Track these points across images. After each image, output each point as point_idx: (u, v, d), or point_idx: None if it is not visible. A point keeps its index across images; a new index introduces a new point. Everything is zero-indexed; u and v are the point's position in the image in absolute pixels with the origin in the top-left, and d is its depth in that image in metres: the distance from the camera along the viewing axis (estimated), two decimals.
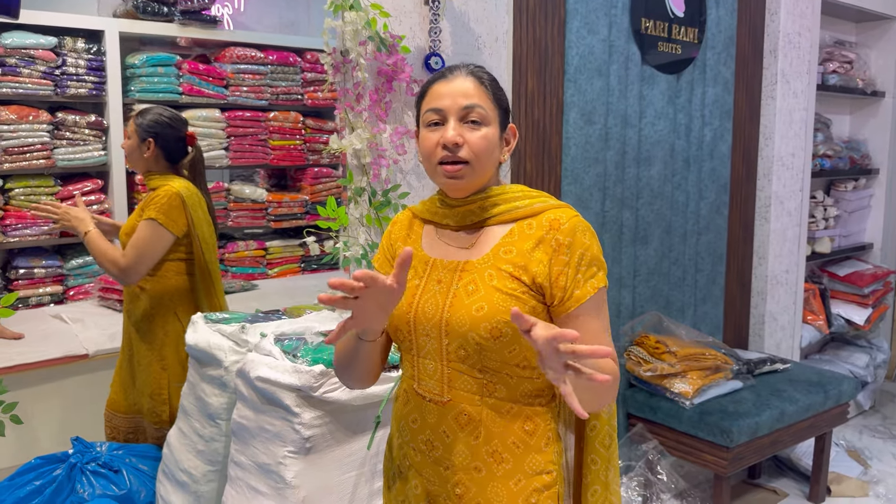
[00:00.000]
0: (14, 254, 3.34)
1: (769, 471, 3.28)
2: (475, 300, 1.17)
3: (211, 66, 3.79)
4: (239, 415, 1.82)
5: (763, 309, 3.46)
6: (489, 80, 1.24)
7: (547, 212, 1.21)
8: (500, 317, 1.15)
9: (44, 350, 2.71)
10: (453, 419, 1.21)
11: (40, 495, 2.14)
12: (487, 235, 1.24)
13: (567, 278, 1.17)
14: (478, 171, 1.21)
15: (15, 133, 3.21)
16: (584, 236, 1.19)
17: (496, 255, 1.20)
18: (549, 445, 1.22)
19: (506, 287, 1.17)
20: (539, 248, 1.18)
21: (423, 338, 1.23)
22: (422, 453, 1.25)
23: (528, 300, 1.17)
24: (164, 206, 2.29)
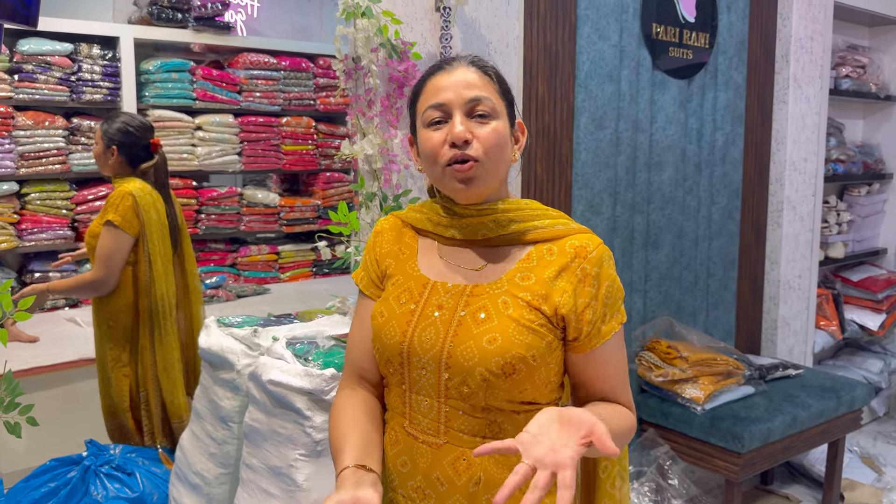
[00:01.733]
0: (30, 258, 3.38)
1: (782, 477, 3.26)
2: (486, 330, 1.02)
3: (224, 71, 3.82)
4: (251, 418, 1.84)
5: (776, 314, 3.45)
6: (493, 69, 1.11)
7: (570, 237, 1.08)
8: (516, 351, 1.01)
9: (58, 353, 2.75)
10: (449, 465, 1.06)
11: (55, 497, 2.16)
12: (501, 256, 1.09)
13: (595, 313, 1.05)
14: (491, 170, 1.06)
15: (31, 138, 3.25)
16: (610, 267, 1.08)
17: (512, 281, 1.06)
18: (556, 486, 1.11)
19: (523, 318, 1.03)
20: (562, 277, 1.05)
21: (417, 371, 1.07)
22: (412, 501, 1.09)
23: (545, 334, 1.04)
24: (119, 208, 2.36)
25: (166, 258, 2.49)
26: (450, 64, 1.09)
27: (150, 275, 2.42)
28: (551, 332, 1.05)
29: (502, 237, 1.09)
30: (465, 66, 1.09)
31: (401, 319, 1.09)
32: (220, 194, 3.81)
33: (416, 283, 1.11)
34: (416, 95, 1.12)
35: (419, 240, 1.16)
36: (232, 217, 3.89)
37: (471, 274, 1.09)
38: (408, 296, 1.10)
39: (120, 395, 2.47)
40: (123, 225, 2.35)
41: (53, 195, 3.35)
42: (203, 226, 3.78)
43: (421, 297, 1.09)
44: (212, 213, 3.80)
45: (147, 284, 2.43)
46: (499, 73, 1.12)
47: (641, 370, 2.82)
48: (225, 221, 3.86)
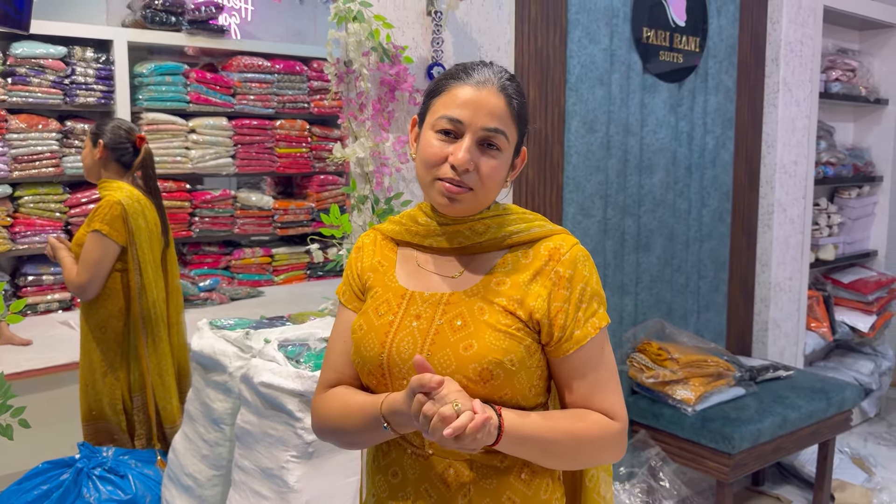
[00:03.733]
0: (23, 261, 3.38)
1: (773, 478, 3.28)
2: (463, 337, 1.02)
3: (218, 74, 3.83)
4: (243, 420, 1.85)
5: (766, 316, 3.47)
6: (517, 97, 1.07)
7: (545, 240, 1.08)
8: (493, 356, 1.00)
9: (52, 356, 2.75)
10: (437, 476, 1.06)
11: (48, 499, 2.17)
12: (477, 263, 1.09)
13: (567, 316, 1.04)
14: (480, 199, 1.06)
15: (24, 141, 3.25)
16: (585, 268, 1.06)
17: (487, 287, 1.06)
18: (548, 492, 1.09)
19: (499, 323, 1.02)
20: (537, 281, 1.05)
21: (399, 382, 1.06)
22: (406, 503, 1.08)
23: (523, 338, 1.03)
24: (106, 217, 2.35)
25: (156, 265, 2.49)
26: (482, 79, 1.04)
27: (140, 282, 2.43)
28: (529, 336, 1.04)
29: (478, 244, 1.09)
30: (496, 89, 1.04)
31: (379, 331, 1.08)
32: (213, 197, 3.82)
33: (395, 295, 1.10)
34: (436, 91, 1.08)
35: (398, 251, 1.15)
36: (226, 220, 3.90)
37: (448, 282, 1.08)
38: (386, 307, 1.10)
39: (111, 400, 2.47)
40: (111, 234, 2.35)
41: (47, 198, 3.35)
42: (197, 228, 3.78)
43: (399, 307, 1.09)
44: (205, 215, 3.80)
45: (138, 291, 2.43)
46: (522, 99, 1.08)
47: (632, 372, 2.84)
48: (219, 224, 3.86)
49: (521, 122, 1.08)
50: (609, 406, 1.06)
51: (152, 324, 2.45)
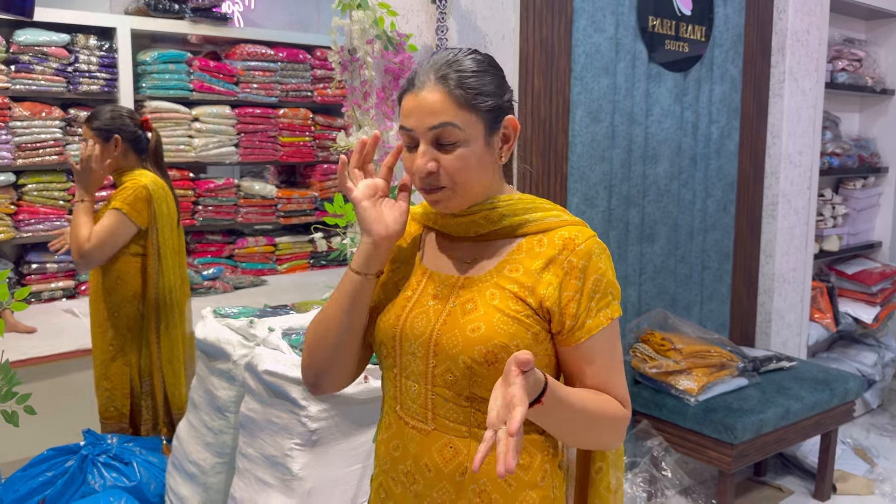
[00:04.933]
0: (27, 249, 3.39)
1: (775, 468, 3.29)
2: (472, 319, 1.04)
3: (221, 63, 3.82)
4: (247, 408, 1.85)
5: (770, 307, 3.46)
6: (460, 82, 1.02)
7: (560, 229, 1.08)
8: (498, 340, 1.02)
9: (56, 344, 2.76)
10: (437, 452, 1.07)
11: (52, 486, 2.18)
12: (492, 249, 1.10)
13: (578, 306, 1.04)
14: (461, 192, 1.05)
15: (28, 129, 3.25)
16: (601, 260, 1.06)
17: (500, 273, 1.07)
18: (545, 479, 1.10)
19: (508, 308, 1.04)
20: (549, 270, 1.05)
21: (407, 356, 1.09)
22: (402, 485, 1.11)
23: (531, 325, 1.04)
24: (129, 198, 2.34)
25: (175, 251, 2.49)
26: (420, 80, 1.04)
27: (158, 267, 2.43)
28: (538, 324, 1.05)
29: (494, 232, 1.10)
30: (431, 84, 1.02)
31: (397, 305, 1.11)
32: (217, 186, 3.82)
33: (416, 272, 1.14)
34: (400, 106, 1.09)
35: (424, 232, 1.18)
36: (229, 208, 3.90)
37: (464, 266, 1.11)
38: (407, 283, 1.13)
39: (121, 385, 2.47)
40: (130, 214, 2.34)
41: (50, 186, 3.35)
42: (200, 217, 3.78)
43: (419, 285, 1.12)
44: (209, 204, 3.81)
45: (155, 276, 2.43)
46: (473, 78, 1.03)
47: (635, 362, 2.84)
48: (222, 213, 3.86)
49: (472, 102, 1.03)
50: (620, 394, 1.08)
51: (167, 309, 2.46)
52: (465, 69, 1.03)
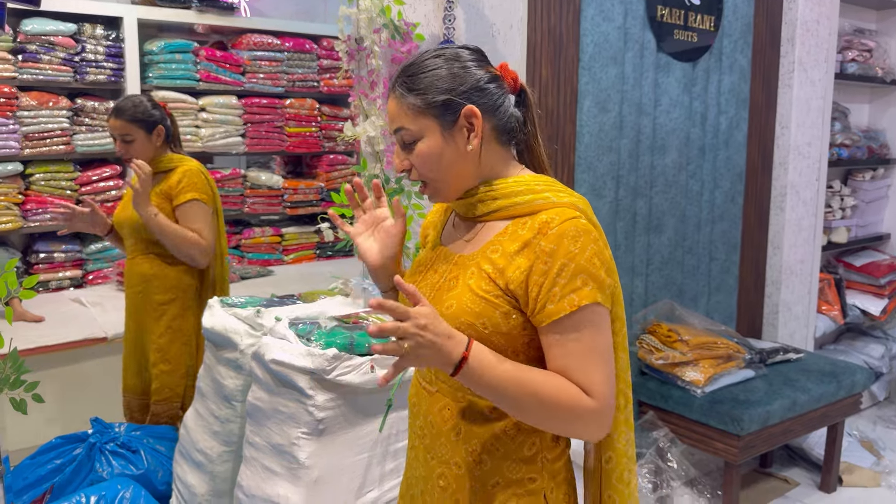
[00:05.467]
0: (35, 238, 3.40)
1: (781, 460, 3.29)
2: (449, 297, 1.11)
3: (228, 52, 3.81)
4: (254, 396, 1.86)
5: (777, 299, 3.45)
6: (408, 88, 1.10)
7: (543, 212, 1.08)
8: (464, 318, 1.07)
9: (64, 333, 2.77)
10: (438, 412, 1.16)
11: (61, 473, 2.19)
12: (485, 231, 1.15)
13: (541, 290, 1.04)
14: (441, 180, 1.13)
15: (35, 119, 3.25)
16: (574, 244, 1.04)
17: (483, 253, 1.11)
18: (533, 450, 1.13)
19: (479, 288, 1.08)
20: (522, 253, 1.07)
21: None
22: (419, 438, 1.22)
23: (500, 304, 1.07)
24: (197, 185, 2.37)
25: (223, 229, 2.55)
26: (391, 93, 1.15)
27: (220, 249, 2.47)
28: (507, 304, 1.07)
29: (489, 214, 1.15)
30: (393, 95, 1.13)
31: (412, 277, 1.23)
32: (223, 176, 3.82)
33: (434, 247, 1.25)
34: None
35: (450, 213, 1.27)
36: (235, 199, 3.90)
37: (463, 245, 1.18)
38: (424, 258, 1.24)
39: (180, 366, 2.45)
40: (206, 199, 2.38)
41: (58, 176, 3.36)
42: None
43: (431, 260, 1.22)
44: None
45: (219, 255, 2.48)
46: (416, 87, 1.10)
47: (642, 353, 2.84)
48: (228, 203, 3.86)
49: (421, 103, 1.10)
50: (585, 383, 1.04)
51: (223, 285, 2.50)
52: (415, 73, 1.11)
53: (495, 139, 1.15)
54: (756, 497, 2.99)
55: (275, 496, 1.73)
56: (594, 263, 1.05)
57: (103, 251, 3.48)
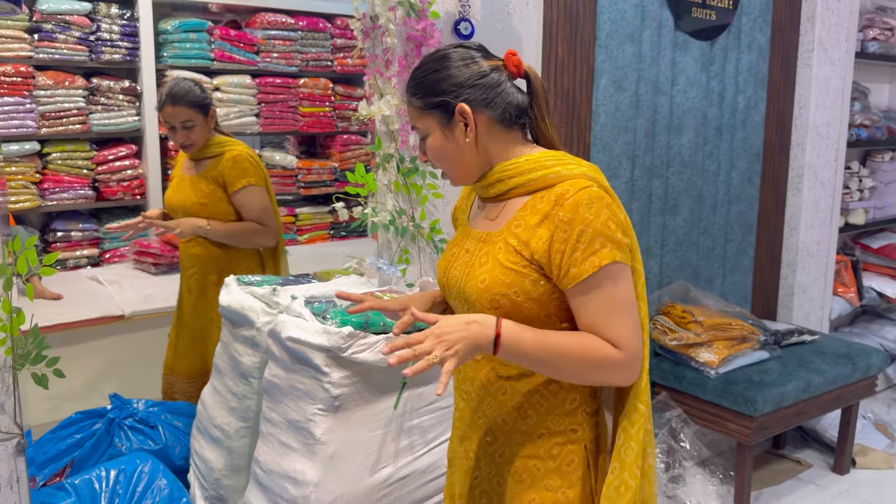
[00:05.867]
0: (52, 217, 3.43)
1: (794, 441, 3.29)
2: (482, 272, 1.21)
3: (242, 31, 3.81)
4: (270, 373, 1.88)
5: (793, 280, 3.43)
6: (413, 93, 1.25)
7: (558, 185, 1.17)
8: (498, 289, 1.18)
9: (82, 310, 2.80)
10: (484, 375, 1.29)
11: (81, 448, 2.23)
12: (508, 208, 1.24)
13: (563, 256, 1.14)
14: (451, 168, 1.27)
15: (52, 98, 3.27)
16: (589, 210, 1.13)
17: (508, 229, 1.21)
18: (575, 405, 1.25)
19: (508, 261, 1.18)
20: (543, 225, 1.16)
21: (453, 300, 1.31)
22: (465, 401, 1.34)
23: (528, 273, 1.17)
24: (248, 170, 2.41)
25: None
26: None
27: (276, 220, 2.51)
28: (535, 272, 1.18)
29: (507, 192, 1.25)
30: (405, 98, 1.28)
31: (446, 259, 1.34)
32: None
33: (462, 230, 1.35)
34: None
35: (475, 196, 1.37)
36: None
37: (488, 224, 1.27)
38: (455, 240, 1.35)
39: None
40: (259, 182, 2.42)
41: (74, 155, 3.38)
42: None
43: (461, 241, 1.32)
44: None
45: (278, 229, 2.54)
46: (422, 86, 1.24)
47: (656, 334, 2.83)
48: None
49: (425, 105, 1.24)
50: (613, 336, 1.15)
51: (285, 258, 2.55)
52: (416, 77, 1.26)
53: (496, 127, 1.24)
54: (768, 478, 3.00)
55: (291, 471, 1.76)
56: (609, 226, 1.14)
57: (119, 230, 3.51)
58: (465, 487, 1.35)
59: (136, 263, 3.39)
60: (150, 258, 3.32)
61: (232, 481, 2.09)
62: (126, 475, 1.97)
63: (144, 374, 2.80)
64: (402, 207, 2.30)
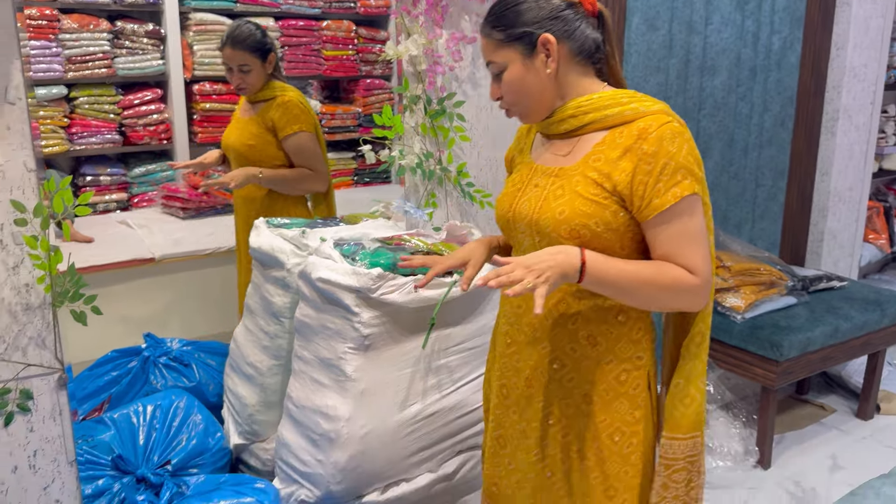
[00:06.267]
0: (81, 161, 3.46)
1: (818, 387, 3.29)
2: (559, 204, 1.25)
3: None
4: (301, 313, 1.91)
5: (823, 226, 3.39)
6: (493, 26, 1.27)
7: (639, 120, 1.22)
8: (578, 220, 1.22)
9: (113, 253, 2.85)
10: (553, 306, 1.33)
11: (117, 385, 2.30)
12: (582, 144, 1.28)
13: (647, 187, 1.19)
14: (525, 105, 1.29)
15: (77, 42, 3.26)
16: (672, 144, 1.19)
17: (586, 163, 1.25)
18: (640, 333, 1.32)
19: (588, 193, 1.23)
20: (625, 158, 1.21)
21: (520, 235, 1.34)
22: (524, 334, 1.37)
23: (609, 205, 1.22)
24: (298, 116, 2.41)
25: None
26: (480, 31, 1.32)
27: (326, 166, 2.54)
28: (615, 204, 1.23)
29: (580, 128, 1.28)
30: (482, 34, 1.30)
31: (510, 195, 1.36)
32: None
33: (526, 167, 1.37)
34: None
35: (536, 133, 1.40)
36: None
37: (559, 159, 1.31)
38: (519, 178, 1.37)
39: None
40: (309, 128, 2.43)
41: (101, 99, 3.38)
42: None
43: (527, 177, 1.35)
44: None
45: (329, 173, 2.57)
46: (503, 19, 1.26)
47: None
48: None
49: (507, 37, 1.26)
50: (688, 264, 1.21)
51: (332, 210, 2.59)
52: (496, 12, 1.28)
53: (573, 61, 1.27)
54: (791, 422, 3.02)
55: (323, 406, 1.80)
56: (689, 160, 1.20)
57: (147, 175, 3.54)
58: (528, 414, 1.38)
59: (164, 208, 3.43)
60: (179, 202, 3.35)
61: (265, 416, 2.15)
62: (162, 410, 2.03)
63: (176, 316, 2.86)
64: (429, 150, 2.29)
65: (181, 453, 1.98)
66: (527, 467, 1.40)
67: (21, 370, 1.57)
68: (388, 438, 1.82)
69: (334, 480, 1.78)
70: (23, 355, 1.57)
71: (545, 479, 1.39)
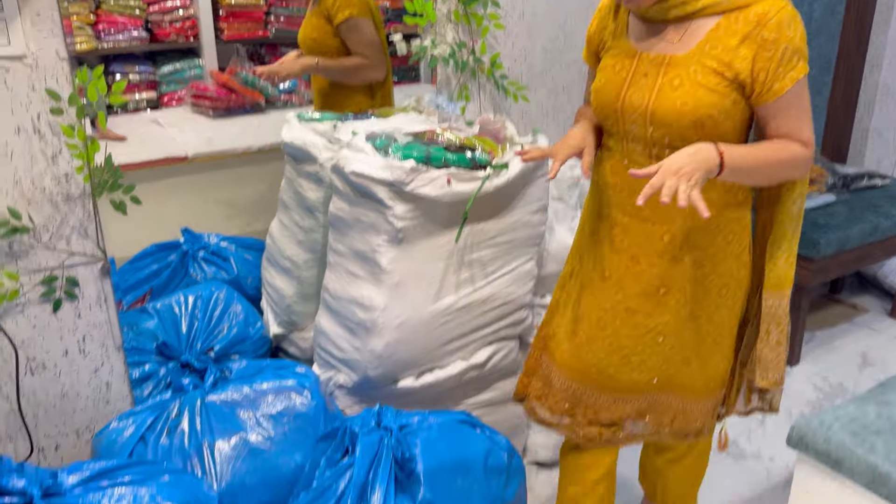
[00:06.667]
0: (110, 59, 3.43)
1: (851, 287, 3.27)
2: (679, 95, 1.28)
3: None
4: (335, 207, 1.92)
5: (868, 123, 3.27)
6: None
7: (755, 5, 1.24)
8: (704, 111, 1.27)
9: (146, 151, 2.86)
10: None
11: (158, 277, 2.36)
12: (693, 30, 1.29)
13: (768, 73, 1.24)
14: None
15: None
16: (790, 29, 1.22)
17: (702, 51, 1.27)
18: (743, 197, 1.40)
19: (710, 83, 1.26)
20: (744, 45, 1.24)
21: (630, 125, 1.36)
22: (630, 215, 1.42)
23: (729, 93, 1.27)
24: (354, 1, 2.33)
25: None
26: None
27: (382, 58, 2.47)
28: (735, 92, 1.27)
29: (693, 13, 1.28)
30: None
31: (615, 84, 1.37)
32: None
33: (626, 54, 1.37)
34: None
35: (630, 16, 1.39)
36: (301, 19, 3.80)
37: (669, 46, 1.31)
38: (620, 64, 1.37)
39: None
40: (362, 14, 2.36)
41: None
42: (273, 28, 3.71)
43: (631, 66, 1.35)
44: (280, 14, 3.71)
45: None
46: None
47: None
48: (295, 24, 3.77)
49: None
50: (803, 139, 1.30)
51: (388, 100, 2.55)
52: None
53: None
54: (823, 321, 3.02)
55: (359, 297, 1.84)
56: (803, 43, 1.25)
57: (175, 73, 3.50)
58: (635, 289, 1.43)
59: (193, 107, 3.41)
60: (208, 101, 3.33)
61: (302, 307, 2.21)
62: (203, 301, 2.09)
63: (210, 213, 2.89)
64: (462, 40, 2.22)
65: (223, 341, 2.05)
66: (634, 341, 1.46)
67: (66, 258, 1.62)
68: (422, 328, 1.86)
69: (371, 366, 1.83)
70: (66, 244, 1.61)
71: (656, 345, 1.46)
